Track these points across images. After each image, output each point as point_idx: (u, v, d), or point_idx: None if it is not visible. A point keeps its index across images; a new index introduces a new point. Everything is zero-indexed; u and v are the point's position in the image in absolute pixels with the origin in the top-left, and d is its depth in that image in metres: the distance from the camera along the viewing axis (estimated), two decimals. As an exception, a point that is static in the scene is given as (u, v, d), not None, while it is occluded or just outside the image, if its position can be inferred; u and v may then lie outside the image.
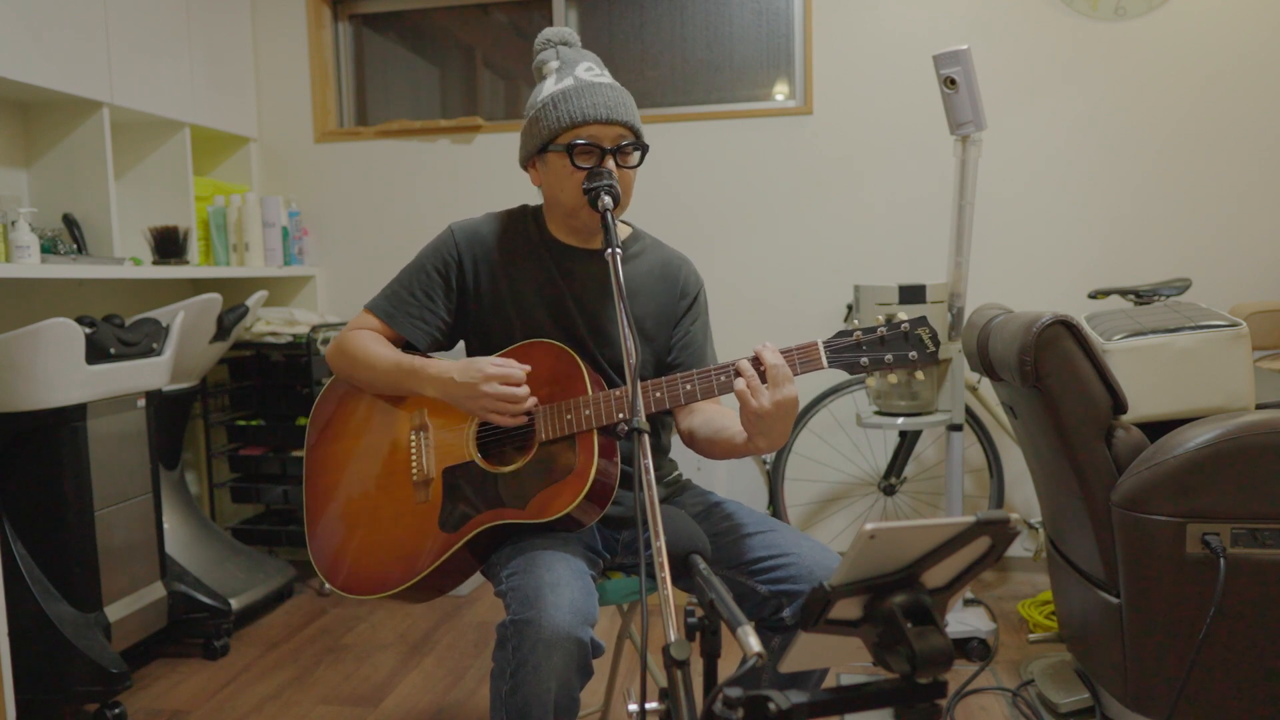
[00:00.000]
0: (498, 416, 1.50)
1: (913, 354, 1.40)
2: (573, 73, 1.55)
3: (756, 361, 1.39)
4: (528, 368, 1.51)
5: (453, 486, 1.54)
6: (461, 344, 1.75)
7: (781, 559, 1.49)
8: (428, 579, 1.54)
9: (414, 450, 1.60)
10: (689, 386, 1.47)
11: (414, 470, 1.59)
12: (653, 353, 1.68)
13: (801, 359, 1.42)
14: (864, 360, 1.41)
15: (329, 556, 1.63)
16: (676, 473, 1.77)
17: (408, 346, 1.66)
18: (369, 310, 1.67)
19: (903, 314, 1.43)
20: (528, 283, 1.63)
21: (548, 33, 1.62)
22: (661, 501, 1.69)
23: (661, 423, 1.73)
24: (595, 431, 1.49)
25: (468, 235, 1.65)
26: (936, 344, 1.41)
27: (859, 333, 1.42)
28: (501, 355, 1.59)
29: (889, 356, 1.41)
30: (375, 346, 1.62)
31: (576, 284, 1.63)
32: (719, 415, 1.59)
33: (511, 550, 1.50)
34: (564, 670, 1.31)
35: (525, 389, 1.49)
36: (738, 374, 1.39)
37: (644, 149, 1.57)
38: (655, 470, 1.69)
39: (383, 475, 1.61)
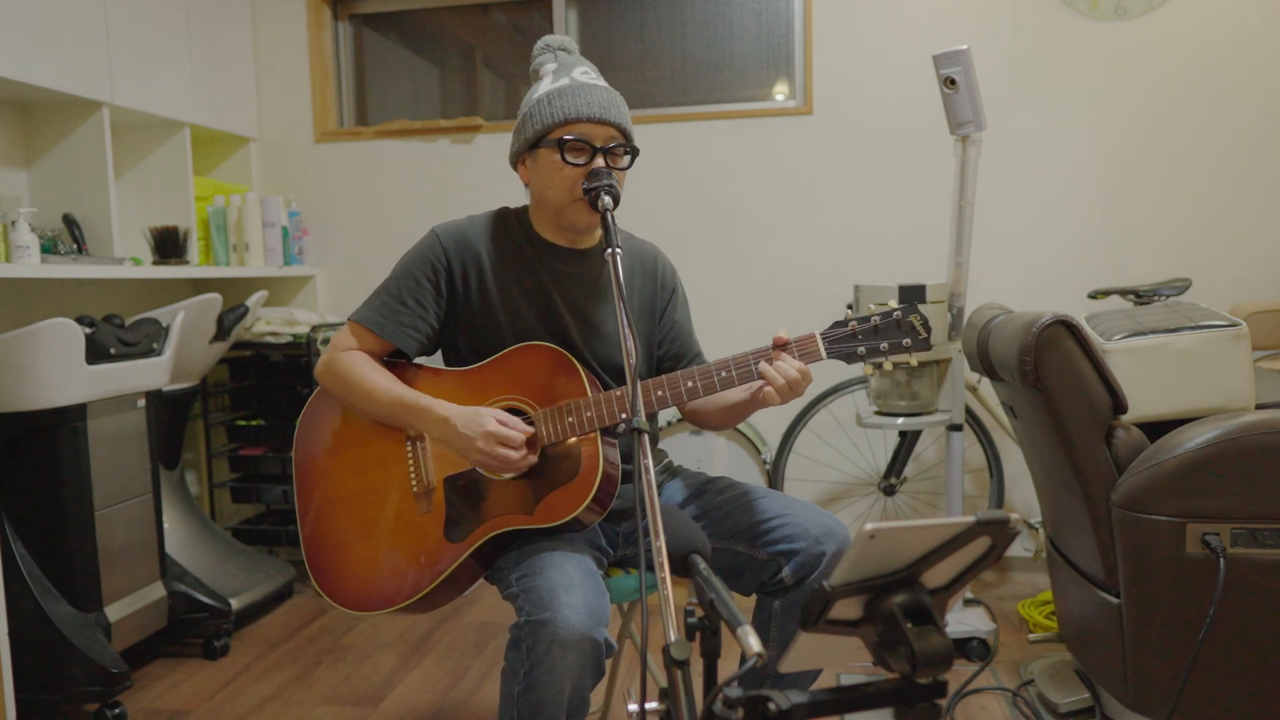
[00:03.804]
0: (492, 468, 1.50)
1: (906, 340, 1.44)
2: (569, 74, 1.56)
3: (771, 354, 1.45)
4: (531, 430, 1.49)
5: (455, 495, 1.53)
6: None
7: (776, 520, 1.53)
8: (436, 590, 1.53)
9: (411, 460, 1.58)
10: (690, 384, 1.48)
11: (413, 481, 1.57)
12: (642, 345, 1.69)
13: (800, 352, 1.47)
14: (860, 350, 1.45)
15: (331, 575, 1.59)
16: (667, 459, 1.79)
17: (396, 354, 1.65)
18: (356, 322, 1.62)
19: (891, 301, 1.46)
20: (516, 284, 1.62)
21: (548, 39, 1.64)
22: (657, 484, 1.71)
23: (650, 415, 1.74)
24: (598, 433, 1.49)
25: (454, 239, 1.63)
26: (928, 329, 1.45)
27: (854, 323, 1.46)
28: (499, 357, 1.59)
29: (884, 345, 1.45)
30: (374, 376, 1.58)
31: (564, 283, 1.63)
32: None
33: (518, 553, 1.49)
34: (578, 671, 1.32)
35: (522, 453, 1.47)
36: (762, 376, 1.44)
37: (634, 152, 1.57)
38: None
39: (381, 487, 1.59)
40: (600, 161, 1.52)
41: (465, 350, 1.66)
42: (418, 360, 1.67)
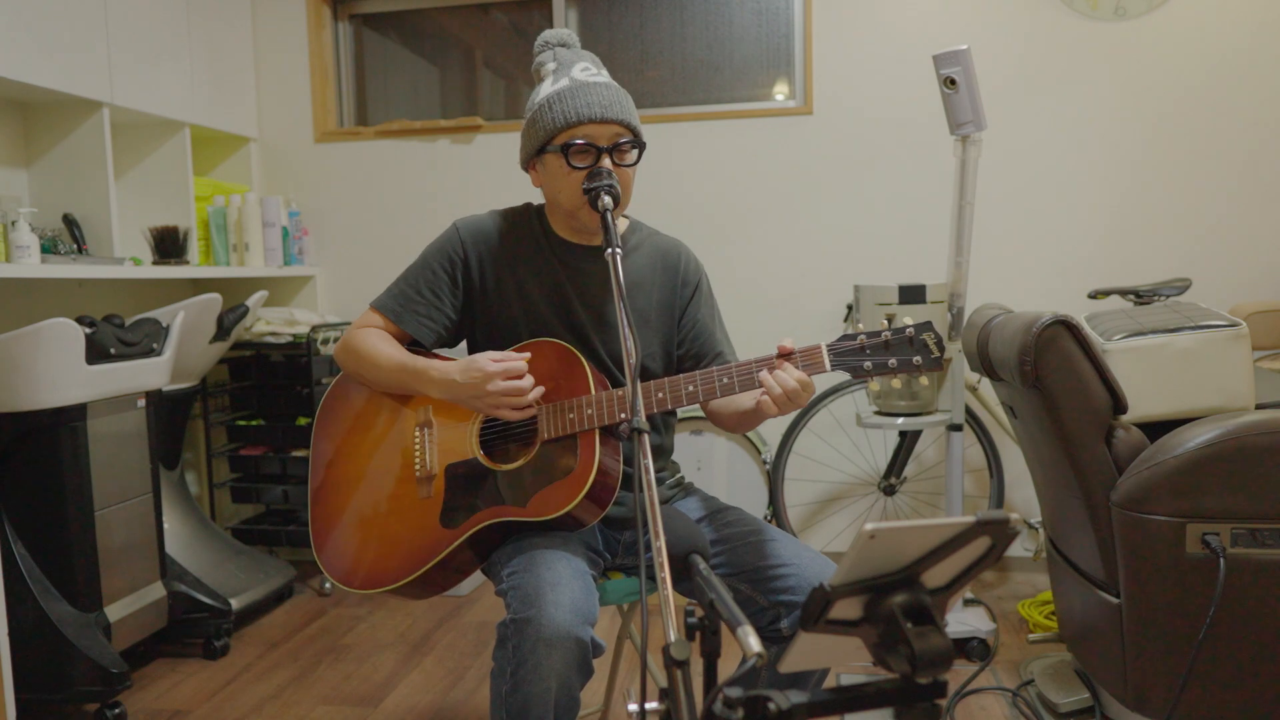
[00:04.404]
0: (505, 411, 1.51)
1: (917, 359, 1.39)
2: (569, 73, 1.56)
3: (775, 362, 1.42)
4: (527, 355, 1.52)
5: (455, 483, 1.55)
6: (464, 343, 1.75)
7: (783, 568, 1.48)
8: (428, 575, 1.54)
9: (418, 446, 1.60)
10: (690, 388, 1.47)
11: (417, 466, 1.59)
12: (660, 343, 1.68)
13: (805, 362, 1.43)
14: (867, 364, 1.40)
15: (330, 550, 1.63)
16: (679, 475, 1.77)
17: (414, 344, 1.67)
18: (375, 309, 1.67)
19: (908, 318, 1.42)
20: (532, 279, 1.63)
21: (547, 35, 1.63)
22: (663, 503, 1.69)
23: (664, 423, 1.73)
24: (597, 431, 1.49)
25: (473, 233, 1.66)
26: (942, 349, 1.39)
27: (863, 336, 1.41)
28: (504, 354, 1.60)
29: (893, 361, 1.40)
30: (382, 345, 1.62)
31: (580, 280, 1.64)
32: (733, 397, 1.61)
33: (512, 549, 1.50)
34: (564, 669, 1.31)
35: (529, 380, 1.50)
36: (761, 384, 1.42)
37: (641, 146, 1.57)
38: (657, 471, 1.70)
39: (386, 471, 1.62)
40: (606, 162, 1.52)
41: (482, 343, 1.68)
42: (435, 350, 1.69)
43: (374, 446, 1.65)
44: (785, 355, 1.43)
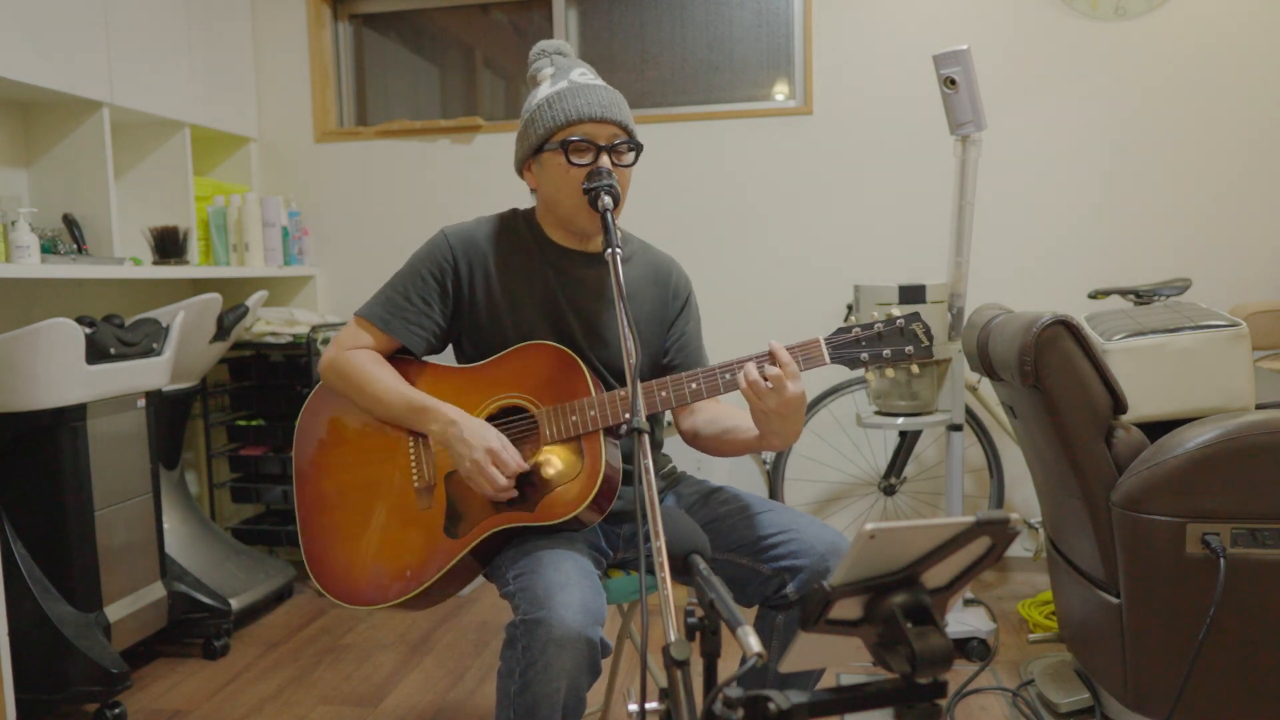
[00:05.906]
0: (475, 482, 1.49)
1: (909, 348, 1.45)
2: (567, 76, 1.57)
3: (768, 359, 1.42)
4: (525, 468, 1.49)
5: (456, 491, 1.54)
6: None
7: (782, 535, 1.51)
8: (434, 586, 1.53)
9: (414, 456, 1.59)
10: (694, 385, 1.48)
11: (415, 477, 1.57)
12: (648, 355, 1.68)
13: (804, 356, 1.46)
14: (863, 356, 1.45)
15: (328, 568, 1.60)
16: (671, 465, 1.78)
17: (403, 352, 1.65)
18: (362, 318, 1.63)
19: (897, 310, 1.47)
20: (522, 286, 1.63)
21: (543, 44, 1.64)
22: (659, 492, 1.70)
23: (655, 418, 1.73)
24: (601, 432, 1.49)
25: (462, 239, 1.64)
26: (930, 338, 1.46)
27: (857, 329, 1.46)
28: (503, 356, 1.59)
29: (887, 351, 1.45)
30: (382, 375, 1.58)
31: (571, 287, 1.63)
32: (723, 414, 1.61)
33: (516, 551, 1.50)
34: (574, 670, 1.32)
35: (508, 483, 1.47)
36: (744, 374, 1.41)
37: (638, 148, 1.57)
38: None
39: (382, 482, 1.59)
40: (605, 160, 1.52)
41: (470, 349, 1.67)
42: (425, 359, 1.68)
43: (365, 458, 1.61)
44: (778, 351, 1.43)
